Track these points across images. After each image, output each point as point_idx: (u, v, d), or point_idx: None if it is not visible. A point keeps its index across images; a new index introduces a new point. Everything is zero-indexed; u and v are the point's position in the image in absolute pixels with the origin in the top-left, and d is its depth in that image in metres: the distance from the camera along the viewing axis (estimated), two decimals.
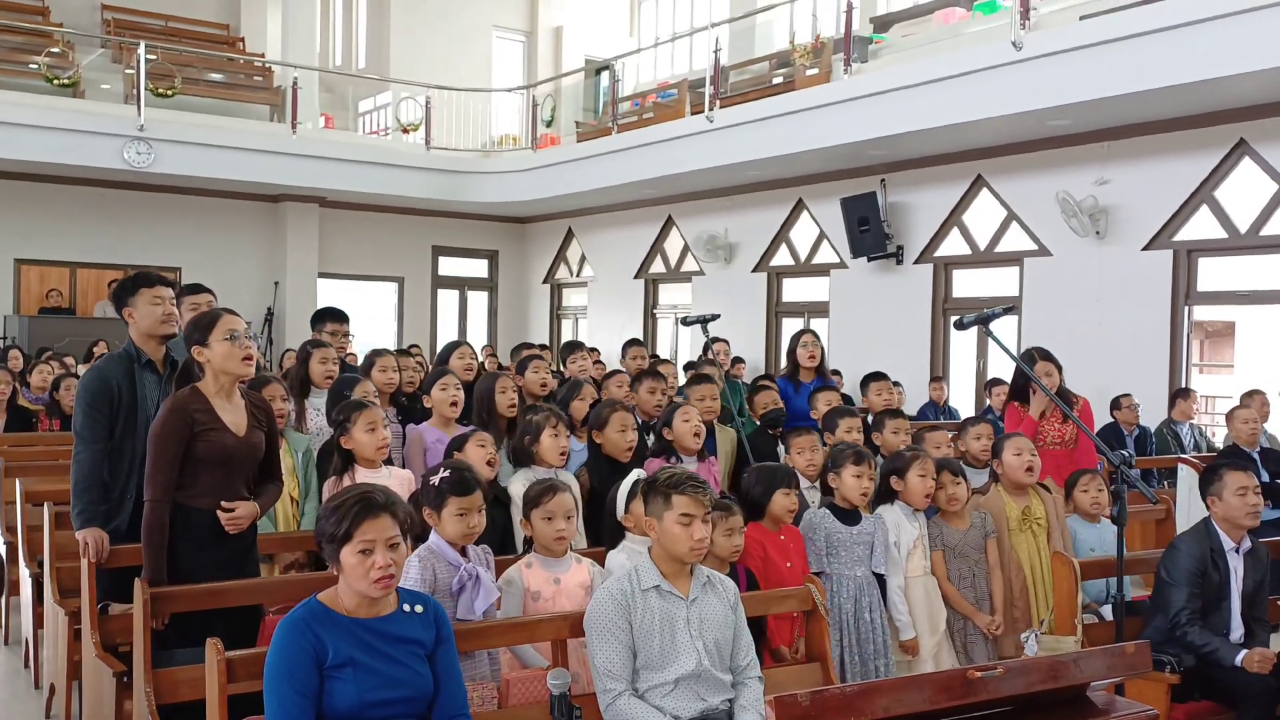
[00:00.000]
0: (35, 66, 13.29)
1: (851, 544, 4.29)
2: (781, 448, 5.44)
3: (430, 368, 6.05)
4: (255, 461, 3.83)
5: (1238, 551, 4.16)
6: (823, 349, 6.72)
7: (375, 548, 2.67)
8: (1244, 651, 3.88)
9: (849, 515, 4.36)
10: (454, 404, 5.06)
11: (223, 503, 3.68)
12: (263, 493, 3.87)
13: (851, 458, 4.38)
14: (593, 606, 3.20)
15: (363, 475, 4.02)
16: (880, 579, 4.35)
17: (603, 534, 4.04)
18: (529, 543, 3.70)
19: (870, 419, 5.76)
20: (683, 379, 8.89)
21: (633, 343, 8.49)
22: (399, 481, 4.14)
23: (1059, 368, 5.89)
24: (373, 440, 4.02)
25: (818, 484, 4.93)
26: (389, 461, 4.67)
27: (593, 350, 10.68)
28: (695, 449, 4.92)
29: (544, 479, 3.93)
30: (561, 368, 7.12)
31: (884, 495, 4.59)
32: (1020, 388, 5.95)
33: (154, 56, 13.59)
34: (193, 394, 3.69)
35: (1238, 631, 4.13)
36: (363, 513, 2.68)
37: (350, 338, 6.08)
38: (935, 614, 4.44)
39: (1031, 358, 5.80)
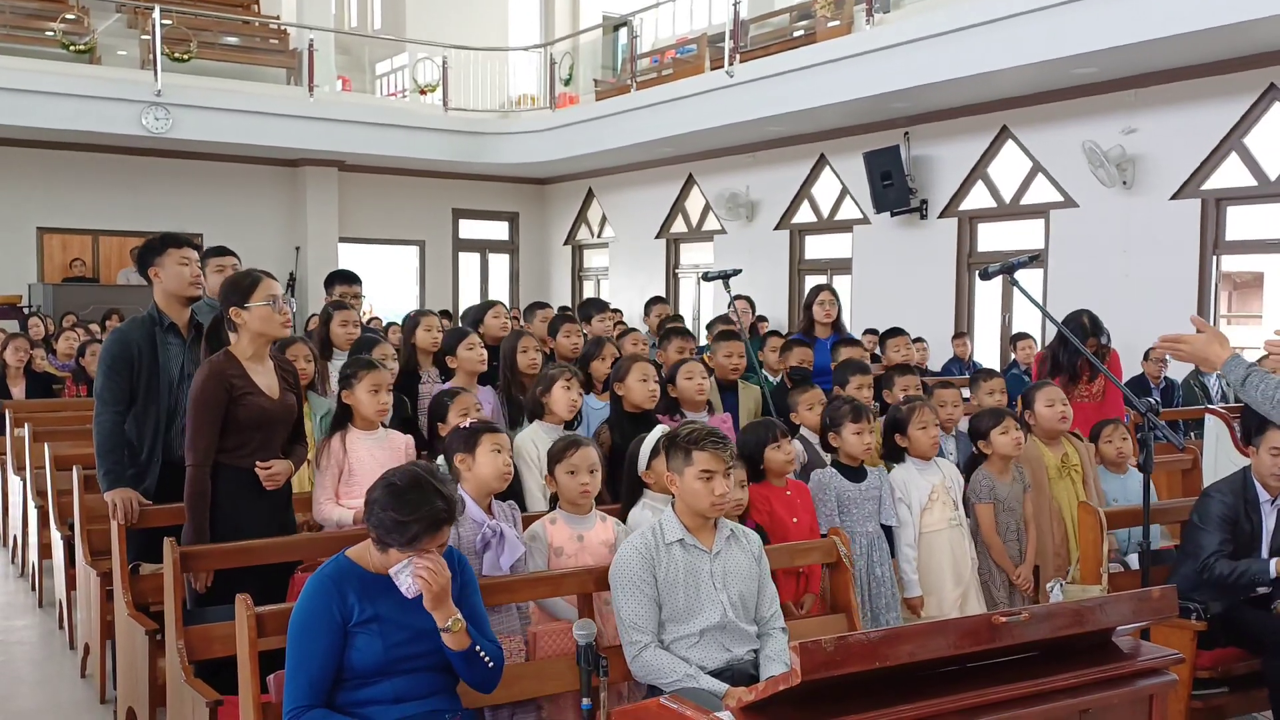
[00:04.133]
0: (51, 33, 13.31)
1: (861, 500, 4.27)
2: None
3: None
4: (291, 422, 3.90)
5: (1272, 504, 4.12)
6: (840, 306, 6.70)
7: (425, 554, 2.69)
8: (1275, 560, 3.85)
9: (855, 472, 4.32)
10: (481, 361, 5.07)
11: (258, 461, 3.75)
12: (291, 453, 3.93)
13: (849, 415, 4.31)
14: (617, 560, 3.21)
15: (356, 435, 3.99)
16: (889, 532, 4.33)
17: (621, 490, 4.03)
18: (554, 500, 3.71)
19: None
20: (703, 339, 8.91)
21: (655, 300, 8.56)
22: (392, 445, 4.09)
23: (1106, 335, 5.80)
24: (373, 402, 3.99)
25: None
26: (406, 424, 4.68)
27: (615, 310, 10.69)
28: (700, 405, 4.90)
29: (567, 435, 3.94)
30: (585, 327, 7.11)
31: (893, 453, 4.55)
32: (1060, 362, 5.81)
33: (169, 21, 13.57)
34: (227, 359, 3.74)
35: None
36: (429, 532, 2.67)
37: (361, 299, 6.08)
38: (960, 565, 4.43)
39: (1084, 328, 5.69)
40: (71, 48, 13.27)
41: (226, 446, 3.70)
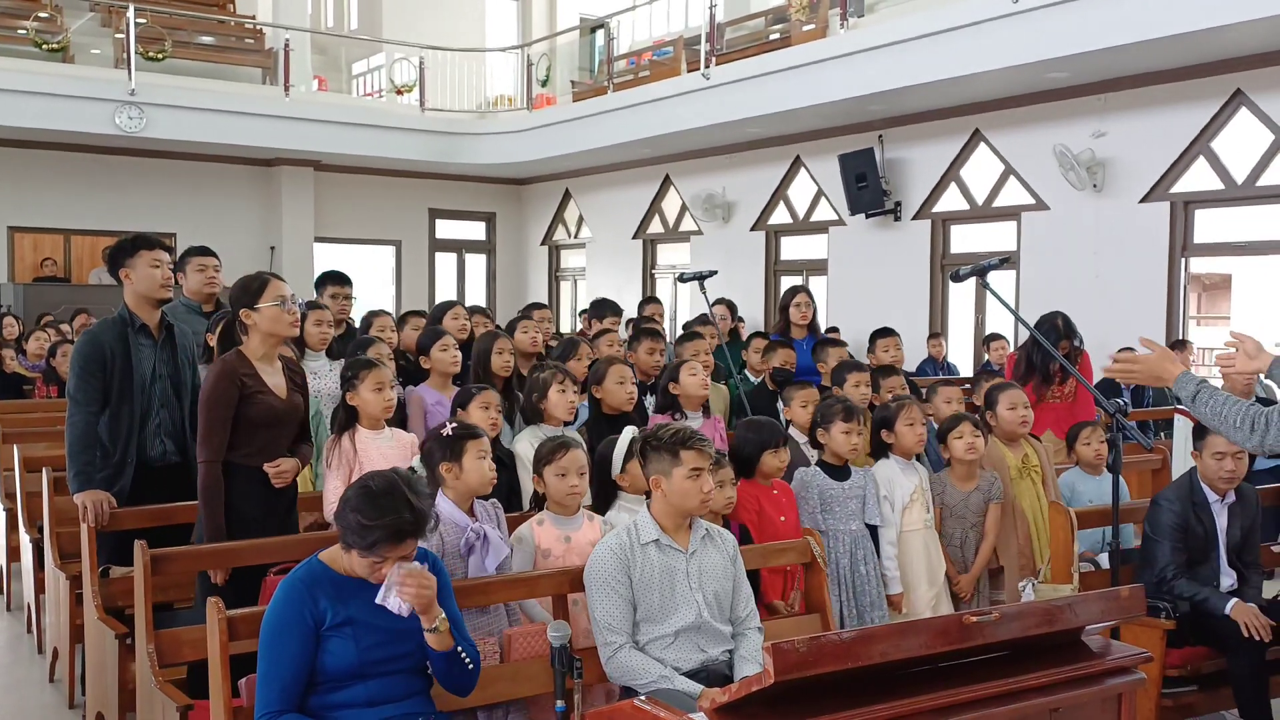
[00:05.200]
0: (24, 31, 13.17)
1: (844, 499, 4.29)
2: (780, 403, 5.43)
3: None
4: (297, 422, 3.94)
5: (1222, 503, 4.16)
6: (815, 307, 6.73)
7: (388, 561, 2.68)
8: (1234, 601, 3.91)
9: (839, 471, 4.35)
10: (454, 362, 5.07)
11: (266, 459, 3.79)
12: (297, 451, 3.96)
13: (841, 413, 4.34)
14: (592, 561, 3.22)
15: (364, 435, 4.01)
16: (873, 531, 4.35)
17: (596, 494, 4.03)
18: (540, 502, 3.71)
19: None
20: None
21: (650, 300, 8.61)
22: (400, 444, 4.12)
23: (1079, 338, 5.83)
24: (378, 400, 4.01)
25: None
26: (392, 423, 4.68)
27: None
28: (699, 404, 4.91)
29: (555, 435, 3.94)
30: (589, 326, 7.10)
31: (878, 450, 4.57)
32: (1034, 363, 5.84)
33: (143, 20, 13.45)
34: (239, 358, 3.78)
35: (1228, 580, 4.15)
36: (390, 541, 2.65)
37: (352, 300, 6.05)
38: (934, 566, 4.44)
39: (1057, 330, 5.72)
40: (44, 46, 13.13)
41: (235, 444, 3.74)
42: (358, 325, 6.38)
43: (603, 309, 7.08)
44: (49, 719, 4.59)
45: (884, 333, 6.48)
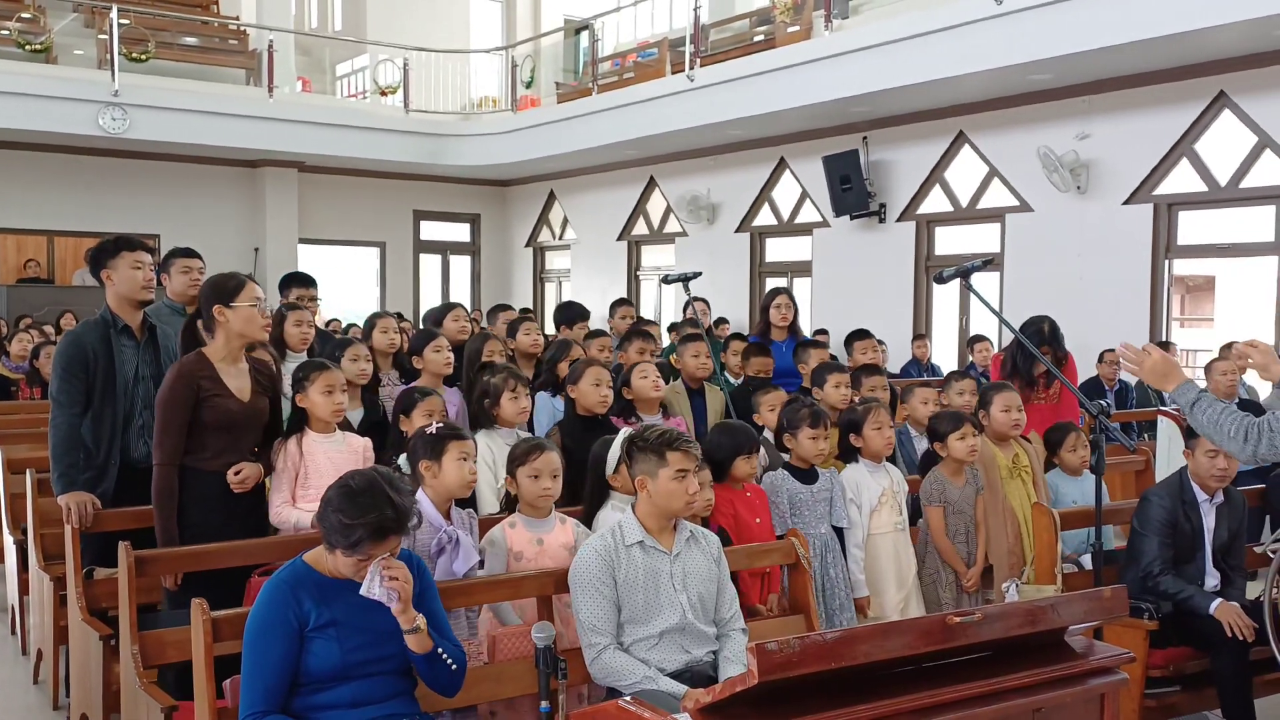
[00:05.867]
0: (7, 32, 13.10)
1: (813, 502, 4.28)
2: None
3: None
4: (260, 425, 3.89)
5: (1211, 502, 4.19)
6: (796, 309, 6.74)
7: (372, 559, 2.68)
8: (1218, 601, 3.94)
9: (807, 474, 4.33)
10: (447, 364, 5.07)
11: (226, 463, 3.74)
12: (264, 455, 3.91)
13: (808, 420, 4.32)
14: (577, 562, 3.22)
15: (312, 439, 3.93)
16: (840, 533, 4.34)
17: (578, 492, 4.03)
18: (511, 504, 3.70)
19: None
20: (665, 340, 8.94)
21: (620, 302, 8.56)
22: (351, 449, 4.03)
23: (1062, 347, 5.86)
24: (327, 403, 3.92)
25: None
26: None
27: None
28: (655, 403, 4.89)
29: (529, 438, 3.93)
30: (557, 331, 7.11)
31: (847, 453, 4.57)
32: (1017, 366, 5.86)
33: (127, 21, 13.40)
34: (199, 360, 3.74)
35: (1212, 580, 4.17)
36: (373, 539, 2.64)
37: (317, 302, 6.03)
38: (903, 569, 4.43)
39: (1041, 334, 5.74)
40: (27, 47, 13.06)
41: (191, 449, 3.71)
42: (344, 327, 6.38)
43: (570, 313, 7.08)
44: None
45: (860, 335, 6.49)
